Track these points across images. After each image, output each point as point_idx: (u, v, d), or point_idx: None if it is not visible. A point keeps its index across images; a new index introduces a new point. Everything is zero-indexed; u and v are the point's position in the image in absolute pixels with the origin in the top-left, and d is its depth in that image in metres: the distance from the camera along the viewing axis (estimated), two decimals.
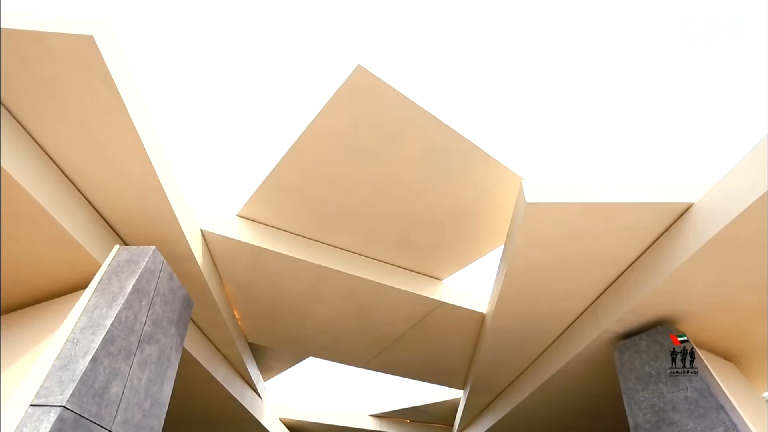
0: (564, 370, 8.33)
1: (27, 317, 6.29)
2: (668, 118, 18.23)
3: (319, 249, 7.86)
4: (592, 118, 21.05)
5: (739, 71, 16.09)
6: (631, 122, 19.77)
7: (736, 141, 16.06)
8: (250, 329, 10.00)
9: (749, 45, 14.85)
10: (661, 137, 18.20)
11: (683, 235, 5.59)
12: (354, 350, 10.40)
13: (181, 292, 6.29)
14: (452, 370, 11.08)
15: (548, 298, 7.44)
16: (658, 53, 18.63)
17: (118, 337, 4.68)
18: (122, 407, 4.71)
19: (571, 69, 20.62)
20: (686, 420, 5.77)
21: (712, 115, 16.93)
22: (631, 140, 19.66)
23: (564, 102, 21.52)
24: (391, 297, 8.31)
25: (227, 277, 8.21)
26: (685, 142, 14.06)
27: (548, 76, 21.27)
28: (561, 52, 20.76)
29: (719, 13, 14.54)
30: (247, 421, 12.55)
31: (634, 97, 19.87)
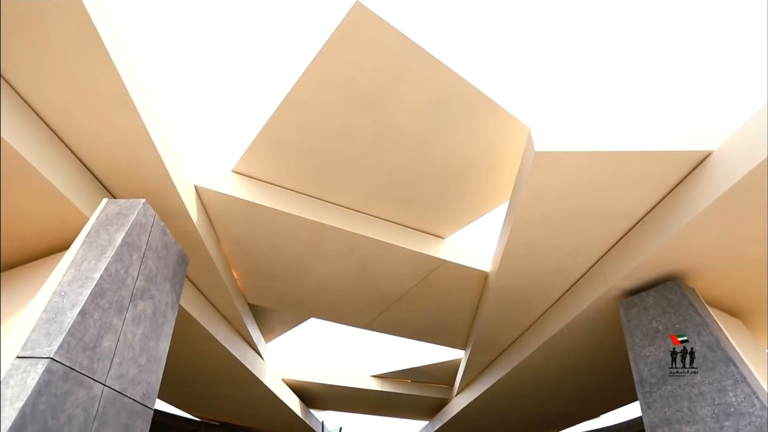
0: (567, 328, 8.24)
1: (19, 276, 6.11)
2: (685, 65, 17.26)
3: (317, 206, 7.61)
4: (604, 64, 19.98)
5: (761, 16, 15.18)
6: (646, 69, 18.76)
7: (757, 88, 15.29)
8: (249, 290, 9.89)
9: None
10: (676, 85, 17.27)
11: (700, 185, 5.31)
12: (355, 310, 10.32)
13: (175, 248, 6.08)
14: (454, 330, 11.05)
15: (554, 255, 7.24)
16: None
17: (109, 291, 4.49)
18: (116, 361, 4.58)
19: (581, 11, 19.45)
20: (693, 374, 5.66)
21: (733, 61, 16.05)
22: (645, 88, 18.69)
23: (574, 47, 20.38)
24: (392, 255, 8.12)
25: (224, 236, 8.00)
26: (702, 90, 13.30)
27: (558, 19, 20.09)
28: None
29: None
30: (250, 381, 12.67)
31: (648, 42, 18.77)
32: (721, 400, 5.31)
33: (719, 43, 14.00)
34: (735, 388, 5.25)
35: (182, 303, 8.36)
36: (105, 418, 4.37)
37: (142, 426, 5.08)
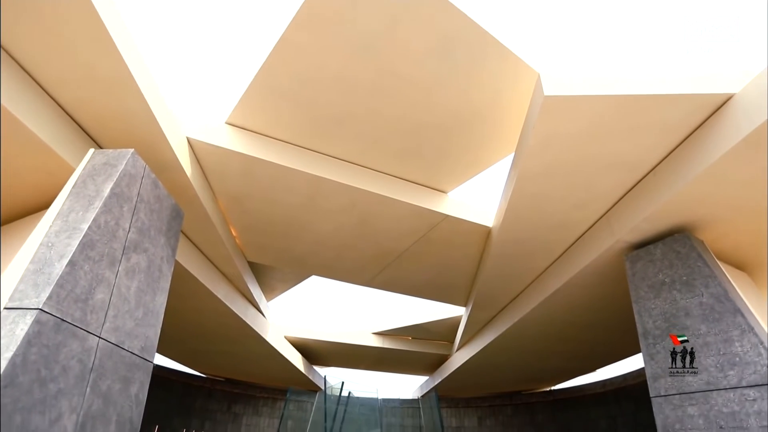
0: (570, 283, 8.16)
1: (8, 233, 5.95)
2: (703, 1, 15.95)
3: (314, 158, 7.34)
4: (617, 3, 18.68)
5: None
6: (661, 6, 17.49)
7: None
8: (248, 247, 9.77)
9: None
10: (694, 24, 16.07)
11: (719, 130, 5.03)
12: (356, 267, 10.24)
13: (168, 201, 5.87)
14: (455, 287, 11.02)
15: (559, 207, 7.04)
16: None
17: (99, 243, 4.31)
18: (111, 314, 4.46)
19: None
20: (699, 325, 5.59)
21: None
22: (660, 28, 17.47)
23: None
24: (393, 210, 7.92)
25: (219, 191, 7.77)
26: (723, 29, 12.36)
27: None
28: None
29: None
30: (252, 338, 12.80)
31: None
32: (726, 350, 5.25)
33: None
34: (741, 338, 5.17)
35: (180, 260, 8.26)
36: (102, 370, 4.30)
37: (142, 378, 5.04)
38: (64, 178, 5.43)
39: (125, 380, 4.71)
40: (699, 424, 5.25)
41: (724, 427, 5.03)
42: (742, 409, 4.94)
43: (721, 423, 5.07)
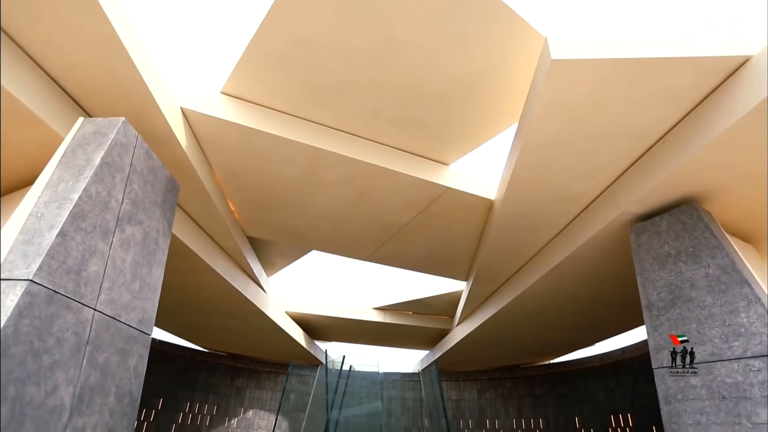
0: (573, 256, 8.07)
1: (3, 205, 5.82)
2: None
3: (313, 129, 7.14)
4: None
5: None
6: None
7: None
8: (247, 221, 9.65)
9: None
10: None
11: (734, 95, 4.84)
12: (356, 242, 10.14)
13: (162, 172, 5.72)
14: (456, 261, 10.95)
15: (564, 179, 6.88)
16: None
17: (90, 213, 4.18)
18: (105, 287, 4.37)
19: None
20: (704, 296, 5.51)
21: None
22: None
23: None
24: (394, 182, 7.76)
25: (216, 163, 7.60)
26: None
27: None
28: None
29: None
30: (253, 313, 12.82)
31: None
32: (732, 321, 5.19)
33: None
34: (748, 309, 5.10)
35: (178, 234, 8.16)
36: (99, 343, 4.24)
37: (141, 351, 4.98)
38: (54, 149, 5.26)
39: (123, 353, 4.65)
40: (701, 395, 5.22)
41: (727, 397, 5.00)
42: (746, 380, 4.90)
43: (723, 393, 5.04)
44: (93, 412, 4.12)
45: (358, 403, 13.66)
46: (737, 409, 4.90)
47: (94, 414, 4.13)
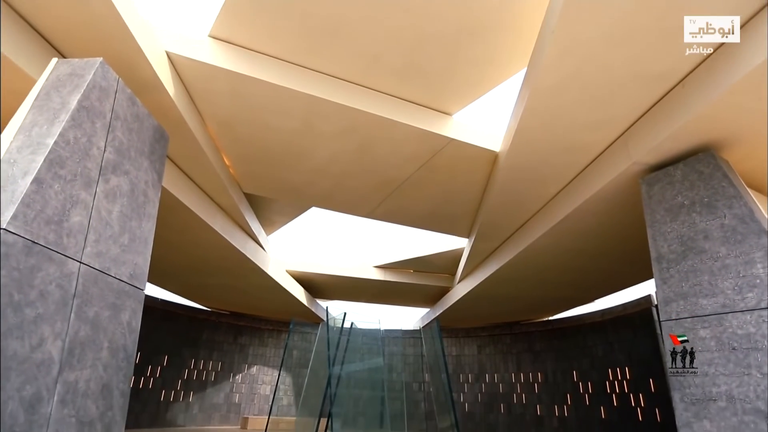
0: (580, 210, 7.82)
1: None
2: None
3: (309, 76, 6.72)
4: None
5: None
6: None
7: None
8: (243, 177, 9.35)
9: None
10: None
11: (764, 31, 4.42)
12: (356, 197, 9.88)
13: (149, 120, 5.38)
14: (458, 217, 10.72)
15: (574, 128, 6.53)
16: None
17: (69, 160, 3.89)
18: (91, 239, 4.14)
19: None
20: (719, 247, 5.30)
21: None
22: None
23: None
24: (395, 133, 7.40)
25: (208, 114, 7.22)
26: None
27: None
28: None
29: None
30: (253, 271, 12.75)
31: None
32: (747, 273, 4.99)
33: None
34: (764, 259, 4.89)
35: (173, 191, 7.90)
36: (87, 297, 4.05)
37: (134, 306, 4.82)
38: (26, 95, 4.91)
39: (115, 307, 4.48)
40: (710, 346, 5.11)
41: (737, 348, 4.88)
42: (758, 331, 4.76)
43: (734, 344, 4.92)
44: (85, 367, 3.99)
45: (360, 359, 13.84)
46: (747, 360, 4.78)
47: (86, 368, 4.01)
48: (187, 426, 17.12)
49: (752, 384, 4.70)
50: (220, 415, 18.56)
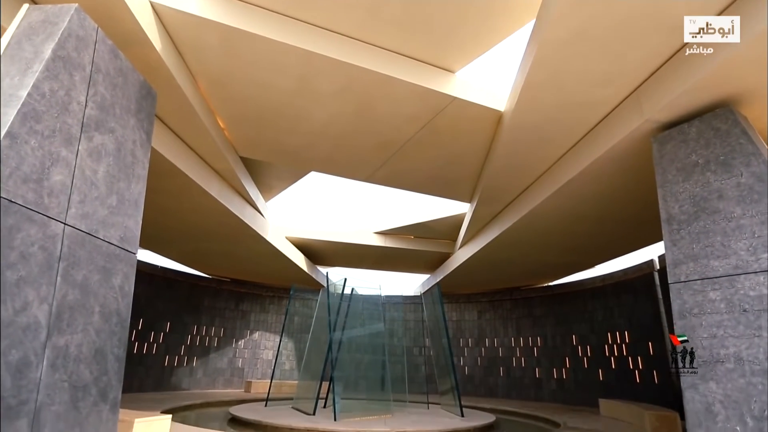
0: (586, 172, 7.57)
1: None
2: None
3: (304, 30, 6.33)
4: None
5: None
6: None
7: None
8: (238, 140, 9.04)
9: None
10: None
11: None
12: (355, 161, 9.60)
13: (134, 75, 5.06)
14: (460, 180, 10.46)
15: (583, 84, 6.20)
16: None
17: (46, 115, 3.63)
18: (75, 199, 3.92)
19: None
20: (733, 207, 5.08)
21: None
22: None
23: None
24: (395, 92, 7.06)
25: (198, 72, 6.86)
26: None
27: None
28: None
29: None
30: (252, 238, 12.61)
31: None
32: (762, 233, 4.80)
33: None
34: None
35: (167, 155, 7.63)
36: (74, 259, 3.87)
37: (126, 270, 4.66)
38: None
39: (105, 271, 4.32)
40: (719, 308, 4.98)
41: (748, 310, 4.75)
42: None
43: (745, 306, 4.78)
44: (75, 331, 3.86)
45: (361, 325, 13.88)
46: (758, 321, 4.65)
47: (77, 333, 3.87)
48: (192, 390, 17.43)
49: (762, 345, 4.59)
50: (224, 379, 18.89)
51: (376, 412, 11.48)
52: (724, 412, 4.76)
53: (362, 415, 10.96)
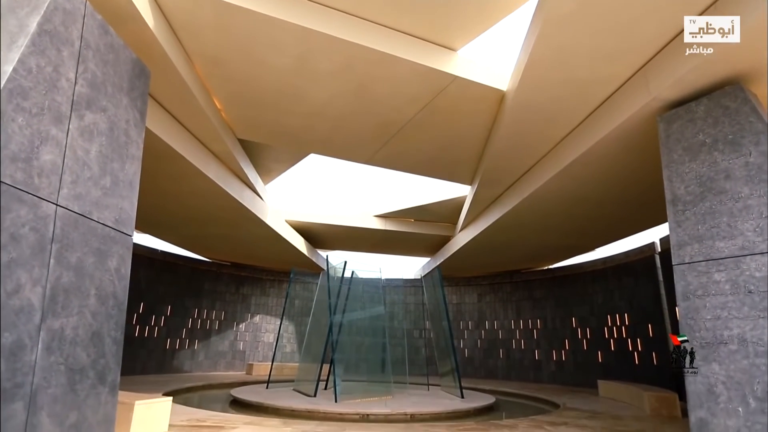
0: (589, 153, 7.44)
1: None
2: None
3: (302, 7, 6.13)
4: None
5: None
6: None
7: None
8: (236, 122, 8.89)
9: None
10: None
11: None
12: (355, 142, 9.45)
13: (126, 53, 4.90)
14: (461, 162, 10.32)
15: (589, 61, 6.03)
16: None
17: (33, 91, 3.50)
18: (67, 180, 3.82)
19: None
20: (741, 187, 4.98)
21: None
22: None
23: None
24: (396, 71, 6.88)
25: (193, 50, 6.68)
26: None
27: None
28: None
29: None
30: (251, 221, 12.53)
31: None
32: None
33: None
34: None
35: (163, 137, 7.51)
36: (68, 241, 3.79)
37: (122, 252, 4.58)
38: None
39: (100, 253, 4.24)
40: (724, 290, 4.92)
41: (754, 291, 4.69)
42: None
43: (750, 287, 4.72)
44: (71, 314, 3.80)
45: (361, 308, 13.90)
46: (764, 303, 4.60)
47: (72, 316, 3.81)
48: (194, 372, 17.58)
49: (767, 327, 4.53)
50: (226, 361, 19.04)
51: (377, 393, 11.56)
52: (726, 393, 4.74)
53: (363, 396, 11.03)
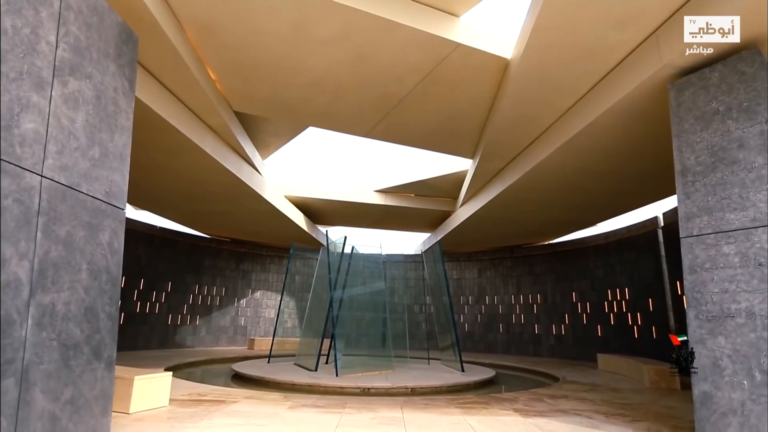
0: (595, 123, 7.22)
1: None
2: None
3: None
4: None
5: None
6: None
7: None
8: (232, 94, 8.62)
9: None
10: None
11: None
12: (354, 115, 9.19)
13: (111, 16, 4.64)
14: (463, 135, 10.09)
15: (597, 27, 5.76)
16: None
17: (10, 54, 3.29)
18: (52, 150, 3.64)
19: None
20: (755, 157, 4.80)
21: None
22: None
23: None
24: (396, 38, 6.60)
25: (185, 17, 6.39)
26: None
27: None
28: None
29: None
30: (250, 196, 12.37)
31: None
32: None
33: None
34: None
35: (156, 109, 7.29)
36: (55, 214, 3.64)
37: (114, 226, 4.44)
38: None
39: (91, 227, 4.10)
40: (733, 263, 4.80)
41: (764, 264, 4.57)
42: None
43: (760, 260, 4.60)
44: (62, 289, 3.68)
45: (362, 283, 13.88)
46: None
47: (63, 291, 3.70)
48: (196, 347, 17.73)
49: None
50: (228, 337, 19.19)
51: (378, 367, 11.63)
52: (731, 367, 4.67)
53: (364, 370, 11.10)
